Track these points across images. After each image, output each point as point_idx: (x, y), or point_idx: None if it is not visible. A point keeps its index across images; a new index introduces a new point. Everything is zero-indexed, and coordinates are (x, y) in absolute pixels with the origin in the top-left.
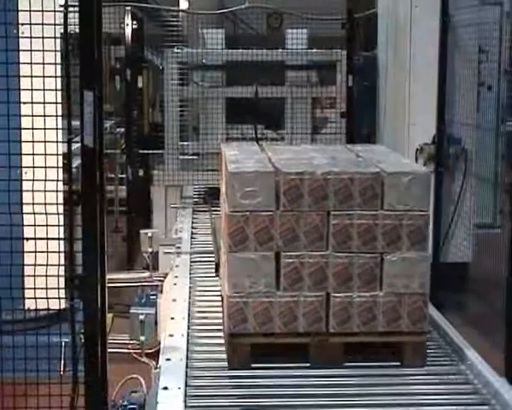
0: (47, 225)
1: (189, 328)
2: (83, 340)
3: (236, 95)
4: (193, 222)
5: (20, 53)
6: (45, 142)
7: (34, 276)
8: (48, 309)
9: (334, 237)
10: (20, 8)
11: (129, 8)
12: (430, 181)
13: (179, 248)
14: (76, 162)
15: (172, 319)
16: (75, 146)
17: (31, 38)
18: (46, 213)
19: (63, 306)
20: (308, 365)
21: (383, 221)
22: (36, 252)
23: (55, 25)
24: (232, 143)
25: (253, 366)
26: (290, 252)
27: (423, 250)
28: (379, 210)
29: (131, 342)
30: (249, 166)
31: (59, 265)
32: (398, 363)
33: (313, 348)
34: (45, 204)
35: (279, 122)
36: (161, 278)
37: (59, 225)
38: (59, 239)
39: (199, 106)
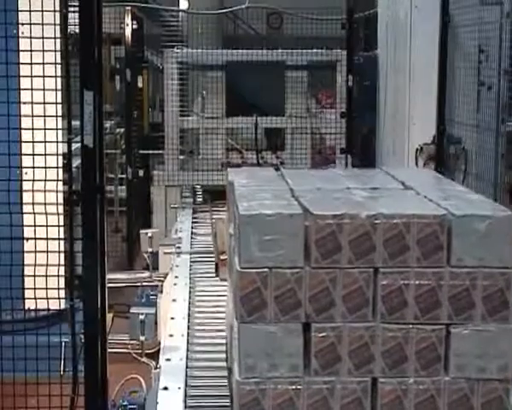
0: (47, 226)
1: (188, 328)
2: (83, 340)
3: (237, 125)
4: (193, 222)
5: (20, 53)
6: (45, 142)
7: (34, 276)
8: (48, 309)
9: (383, 303)
10: (19, 8)
11: (129, 8)
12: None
13: (179, 248)
14: (76, 162)
15: (172, 319)
16: (75, 146)
17: (31, 38)
18: (46, 213)
19: (63, 306)
20: None
21: (450, 281)
22: (36, 252)
23: (54, 25)
24: (241, 169)
25: None
26: (324, 323)
27: (504, 321)
28: (444, 266)
29: (131, 342)
30: (268, 204)
31: (59, 265)
32: None
33: None
34: (45, 204)
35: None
36: (161, 278)
37: (59, 225)
38: (59, 239)
39: (199, 134)
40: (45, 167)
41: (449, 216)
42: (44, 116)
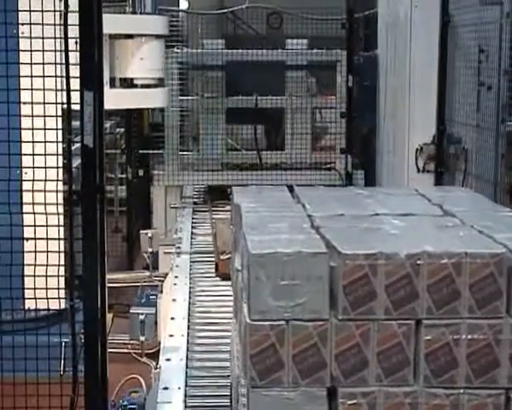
0: (47, 225)
1: (188, 328)
2: (83, 340)
3: (236, 105)
4: (193, 222)
5: (20, 53)
6: (45, 142)
7: (34, 276)
8: (48, 309)
9: (427, 362)
10: (20, 8)
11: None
12: None
13: (179, 248)
14: (76, 162)
15: (172, 319)
16: (75, 146)
17: (30, 38)
18: (46, 213)
19: (63, 306)
20: None
21: (510, 336)
22: (36, 252)
23: (54, 25)
24: (248, 188)
25: None
26: (354, 387)
27: None
28: (503, 317)
29: (131, 342)
30: (284, 239)
31: (59, 265)
32: None
33: None
34: (45, 204)
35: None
36: (161, 278)
37: (59, 225)
38: (59, 239)
39: (199, 117)
40: (45, 167)
41: (508, 254)
42: (44, 116)
